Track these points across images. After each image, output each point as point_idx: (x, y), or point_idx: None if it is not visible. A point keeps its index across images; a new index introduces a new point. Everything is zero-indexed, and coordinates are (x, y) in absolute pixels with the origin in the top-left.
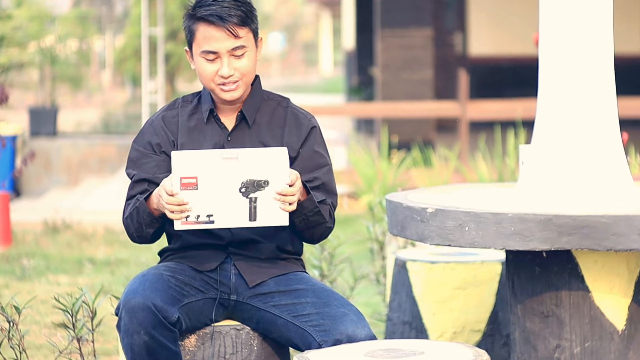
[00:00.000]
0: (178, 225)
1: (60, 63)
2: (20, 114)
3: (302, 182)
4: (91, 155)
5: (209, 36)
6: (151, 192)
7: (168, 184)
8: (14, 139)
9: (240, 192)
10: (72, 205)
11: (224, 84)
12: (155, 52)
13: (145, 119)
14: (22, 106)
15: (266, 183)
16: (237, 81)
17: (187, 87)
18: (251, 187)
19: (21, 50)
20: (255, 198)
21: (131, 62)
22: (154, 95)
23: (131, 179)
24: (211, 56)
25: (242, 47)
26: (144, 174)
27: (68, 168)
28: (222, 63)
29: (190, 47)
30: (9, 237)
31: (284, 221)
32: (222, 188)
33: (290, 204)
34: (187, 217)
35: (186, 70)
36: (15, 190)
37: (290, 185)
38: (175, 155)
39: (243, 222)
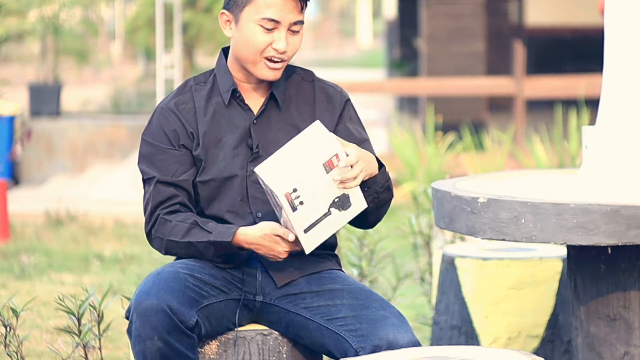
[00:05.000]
0: None
1: (64, 34)
2: (20, 91)
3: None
4: (99, 138)
5: (276, 3)
6: (234, 230)
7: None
8: (11, 119)
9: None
10: (78, 195)
11: (271, 60)
12: (171, 21)
13: (160, 96)
14: (22, 82)
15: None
16: (285, 59)
17: (207, 61)
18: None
19: (20, 20)
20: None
21: (144, 33)
22: (169, 70)
23: (147, 179)
24: (271, 25)
25: (302, 22)
26: (167, 177)
27: (73, 152)
28: (279, 36)
29: (238, 10)
30: (6, 230)
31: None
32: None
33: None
34: None
35: (206, 42)
36: (14, 177)
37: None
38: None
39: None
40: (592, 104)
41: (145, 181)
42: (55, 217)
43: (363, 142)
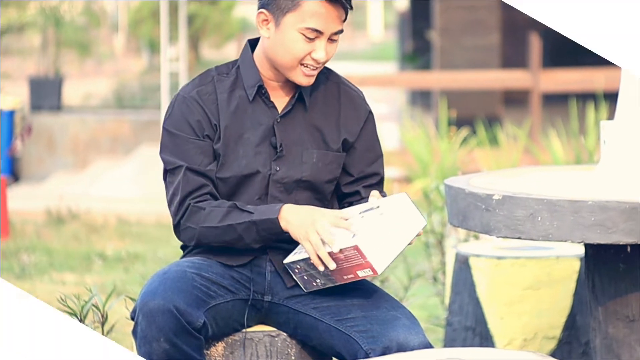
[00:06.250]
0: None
1: (65, 26)
2: (20, 85)
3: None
4: (101, 133)
5: (320, 13)
6: (279, 207)
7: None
8: (11, 114)
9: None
10: (79, 192)
11: (308, 67)
12: (176, 13)
13: (164, 90)
14: (22, 76)
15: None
16: (320, 67)
17: (213, 54)
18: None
19: (20, 11)
20: None
21: (148, 25)
22: (174, 63)
23: (172, 169)
24: (313, 35)
25: (342, 31)
26: (196, 165)
27: (74, 148)
28: (320, 45)
29: (280, 14)
30: (6, 228)
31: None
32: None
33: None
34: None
35: (212, 34)
36: (14, 174)
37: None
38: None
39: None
40: (611, 97)
41: (170, 171)
42: (56, 215)
43: (378, 158)
